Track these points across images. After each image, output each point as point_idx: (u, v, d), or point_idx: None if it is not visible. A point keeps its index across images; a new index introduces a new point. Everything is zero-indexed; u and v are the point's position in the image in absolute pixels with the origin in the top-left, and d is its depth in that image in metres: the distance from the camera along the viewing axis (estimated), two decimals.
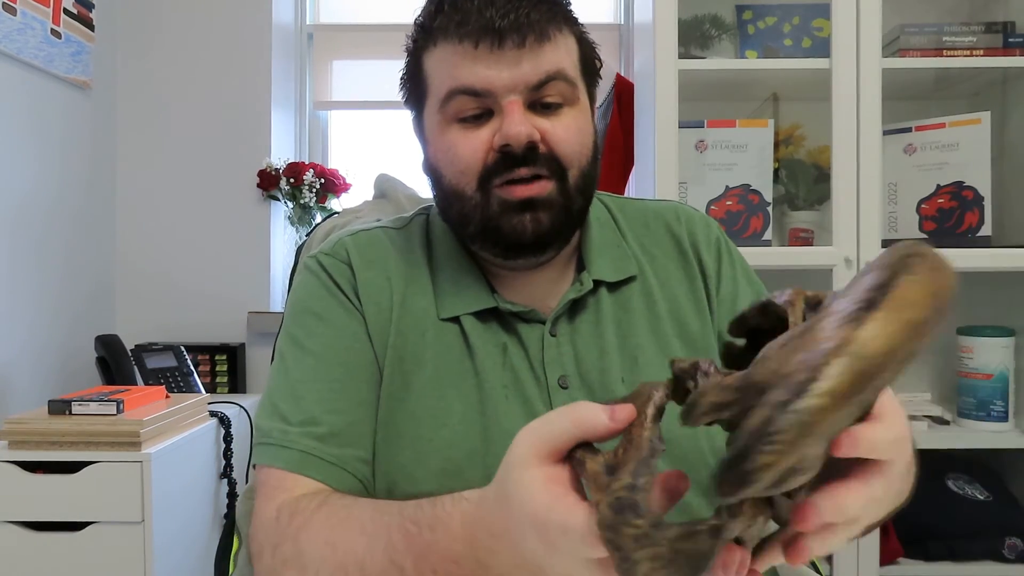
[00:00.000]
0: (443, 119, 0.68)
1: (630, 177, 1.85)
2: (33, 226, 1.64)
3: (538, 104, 0.66)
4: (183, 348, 1.75)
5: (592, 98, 0.73)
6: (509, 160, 0.65)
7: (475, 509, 0.51)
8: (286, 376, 0.70)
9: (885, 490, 0.42)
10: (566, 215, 0.67)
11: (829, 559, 1.50)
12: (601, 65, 0.74)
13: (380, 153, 2.21)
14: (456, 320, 0.71)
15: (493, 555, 0.49)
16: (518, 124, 0.64)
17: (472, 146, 0.66)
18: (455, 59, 0.65)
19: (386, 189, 1.13)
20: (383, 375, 0.69)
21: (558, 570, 0.43)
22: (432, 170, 0.72)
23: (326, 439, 0.66)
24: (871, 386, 0.27)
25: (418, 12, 0.71)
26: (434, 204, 0.78)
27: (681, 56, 1.51)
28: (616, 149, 1.81)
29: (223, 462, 1.61)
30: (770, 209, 1.59)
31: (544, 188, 0.66)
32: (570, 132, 0.67)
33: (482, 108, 0.66)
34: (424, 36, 0.69)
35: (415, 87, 0.72)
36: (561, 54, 0.67)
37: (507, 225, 0.66)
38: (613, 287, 0.74)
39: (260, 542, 0.62)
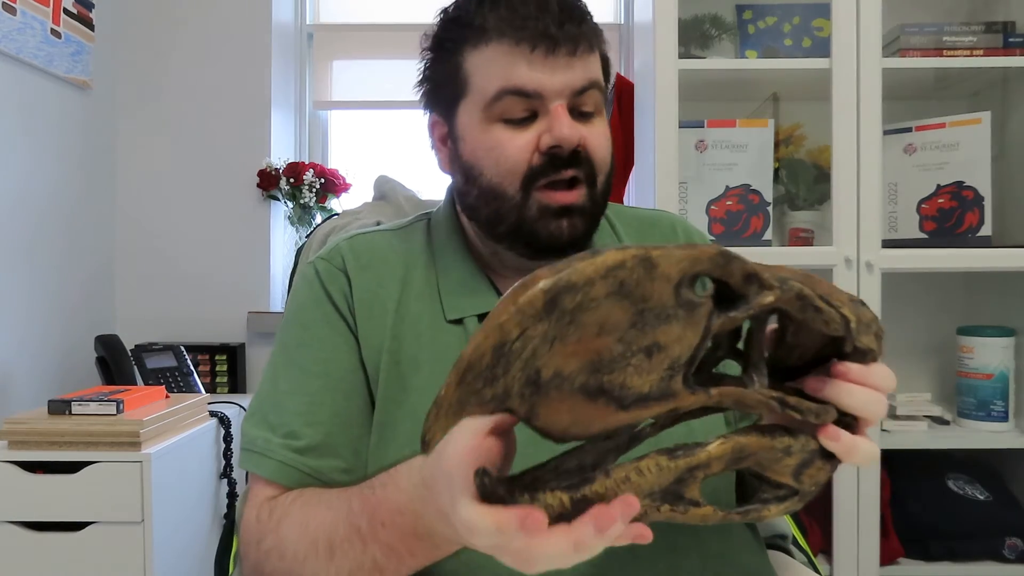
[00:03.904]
0: (487, 117, 0.69)
1: (630, 177, 1.85)
2: (33, 226, 1.64)
3: (576, 111, 0.69)
4: (183, 348, 1.75)
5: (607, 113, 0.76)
6: (557, 162, 0.67)
7: (420, 461, 0.54)
8: (274, 385, 0.72)
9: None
10: (593, 221, 0.71)
11: (829, 559, 1.50)
12: (611, 82, 0.78)
13: (380, 153, 2.21)
14: (459, 322, 0.72)
15: (425, 504, 0.52)
16: (570, 127, 0.67)
17: (518, 146, 0.68)
18: (509, 59, 0.67)
19: (386, 191, 1.13)
20: (379, 379, 0.70)
21: (456, 526, 0.44)
22: (466, 168, 0.71)
23: (305, 452, 0.68)
24: (477, 372, 0.39)
25: (447, 9, 0.72)
26: (433, 210, 0.79)
27: (681, 56, 1.51)
28: (616, 149, 1.80)
29: (223, 462, 1.61)
30: (770, 209, 1.59)
31: (580, 195, 0.69)
32: (602, 139, 0.71)
33: (529, 110, 0.68)
34: (471, 33, 0.69)
35: (450, 84, 0.71)
36: (596, 67, 0.71)
37: (544, 229, 0.68)
38: None
39: (245, 542, 0.67)
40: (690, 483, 0.44)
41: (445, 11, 0.73)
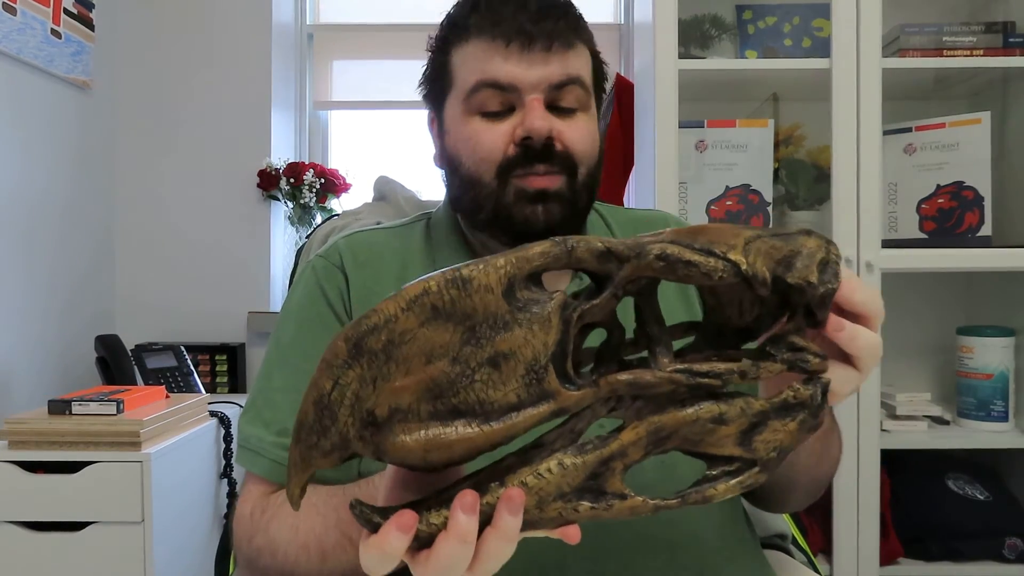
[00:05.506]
0: (466, 110, 0.71)
1: (630, 177, 1.85)
2: (33, 225, 1.64)
3: (556, 106, 0.70)
4: (183, 348, 1.75)
5: (599, 111, 0.77)
6: (530, 154, 0.69)
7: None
8: (268, 381, 0.74)
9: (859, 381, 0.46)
10: (573, 210, 0.71)
11: (829, 559, 1.50)
12: (607, 81, 0.79)
13: (380, 153, 2.21)
14: None
15: None
16: (540, 119, 0.68)
17: (493, 137, 0.70)
18: (486, 54, 0.69)
19: (385, 191, 1.14)
20: None
21: None
22: (450, 159, 0.74)
23: None
24: (308, 428, 0.40)
25: (447, 12, 0.75)
26: (433, 210, 0.81)
27: (681, 56, 1.51)
28: (616, 149, 1.81)
29: (223, 462, 1.61)
30: (770, 209, 1.59)
31: (556, 182, 0.70)
32: (582, 134, 0.71)
33: (505, 104, 0.70)
34: (456, 32, 0.72)
35: (439, 80, 0.75)
36: (580, 63, 0.72)
37: (520, 214, 0.69)
38: None
39: (238, 537, 0.69)
40: (608, 476, 0.40)
41: (447, 14, 0.76)
